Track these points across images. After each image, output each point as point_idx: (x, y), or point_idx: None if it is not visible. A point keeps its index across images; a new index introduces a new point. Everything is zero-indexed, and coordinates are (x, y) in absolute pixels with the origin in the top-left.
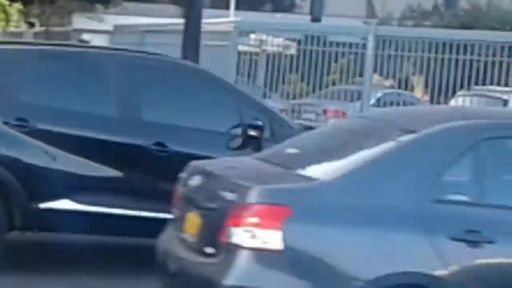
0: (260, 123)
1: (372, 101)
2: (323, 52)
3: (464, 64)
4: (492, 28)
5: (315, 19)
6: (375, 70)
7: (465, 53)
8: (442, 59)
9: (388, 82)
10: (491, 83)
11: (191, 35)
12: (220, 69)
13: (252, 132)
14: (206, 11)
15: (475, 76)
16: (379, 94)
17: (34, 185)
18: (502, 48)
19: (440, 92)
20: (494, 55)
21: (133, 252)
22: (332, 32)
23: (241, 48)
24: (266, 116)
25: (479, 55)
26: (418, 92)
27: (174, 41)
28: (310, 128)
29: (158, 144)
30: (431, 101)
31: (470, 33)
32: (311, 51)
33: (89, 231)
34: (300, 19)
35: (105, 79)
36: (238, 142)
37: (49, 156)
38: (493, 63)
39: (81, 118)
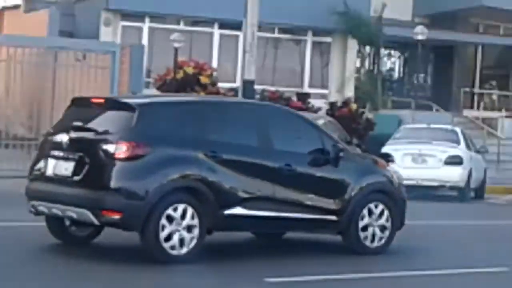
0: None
1: None
2: None
3: None
4: None
5: None
6: None
7: None
8: None
9: None
10: None
11: None
12: None
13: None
14: None
15: None
16: None
17: (220, 198)
18: None
19: None
20: None
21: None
22: None
23: None
24: (332, 141)
25: None
26: None
27: None
28: None
29: (287, 165)
30: None
31: None
32: None
33: (254, 229)
34: None
35: (252, 122)
36: (320, 160)
37: (224, 175)
38: None
39: (241, 148)
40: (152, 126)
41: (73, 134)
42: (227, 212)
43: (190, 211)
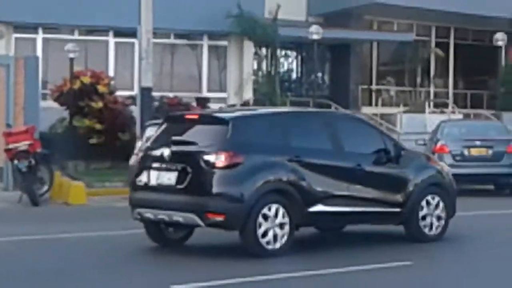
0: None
1: None
2: None
3: None
4: None
5: None
6: None
7: None
8: None
9: None
10: None
11: None
12: None
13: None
14: None
15: None
16: None
17: (305, 197)
18: None
19: None
20: None
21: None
22: None
23: None
24: (392, 141)
25: None
26: None
27: None
28: None
29: (358, 165)
30: None
31: None
32: None
33: (333, 224)
34: None
35: (326, 129)
36: (384, 159)
37: (307, 177)
38: None
39: (319, 152)
40: (244, 136)
41: (174, 148)
42: (310, 209)
43: (281, 210)
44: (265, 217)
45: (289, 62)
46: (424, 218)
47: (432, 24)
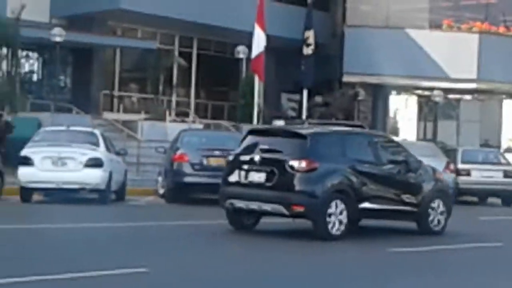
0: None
1: None
2: None
3: None
4: None
5: None
6: None
7: None
8: None
9: None
10: None
11: None
12: None
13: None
14: None
15: None
16: None
17: (357, 196)
18: None
19: None
20: None
21: None
22: None
23: None
24: (412, 157)
25: None
26: None
27: None
28: None
29: (391, 173)
30: None
31: None
32: None
33: (373, 218)
34: None
35: (370, 145)
36: (407, 169)
37: (359, 181)
38: None
39: (366, 163)
40: (318, 148)
41: (263, 154)
42: (360, 206)
43: (342, 205)
44: (332, 210)
45: (31, 64)
46: (432, 216)
47: (175, 33)
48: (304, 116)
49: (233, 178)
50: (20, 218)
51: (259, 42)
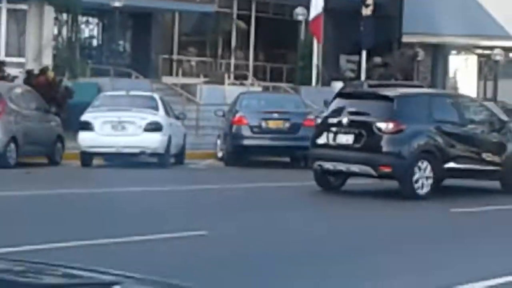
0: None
1: None
2: None
3: None
4: None
5: None
6: None
7: None
8: None
9: None
10: None
11: None
12: None
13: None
14: None
15: None
16: None
17: (443, 156)
18: None
19: None
20: None
21: None
22: None
23: None
24: (496, 116)
25: None
26: None
27: None
28: None
29: (475, 134)
30: None
31: None
32: None
33: (457, 177)
34: None
35: (454, 106)
36: (491, 129)
37: (444, 142)
38: None
39: (451, 123)
40: (404, 110)
41: (351, 117)
42: (446, 166)
43: (428, 165)
44: (418, 170)
45: (90, 29)
46: None
47: None
48: (363, 77)
49: (322, 140)
50: (81, 182)
51: (317, 3)
